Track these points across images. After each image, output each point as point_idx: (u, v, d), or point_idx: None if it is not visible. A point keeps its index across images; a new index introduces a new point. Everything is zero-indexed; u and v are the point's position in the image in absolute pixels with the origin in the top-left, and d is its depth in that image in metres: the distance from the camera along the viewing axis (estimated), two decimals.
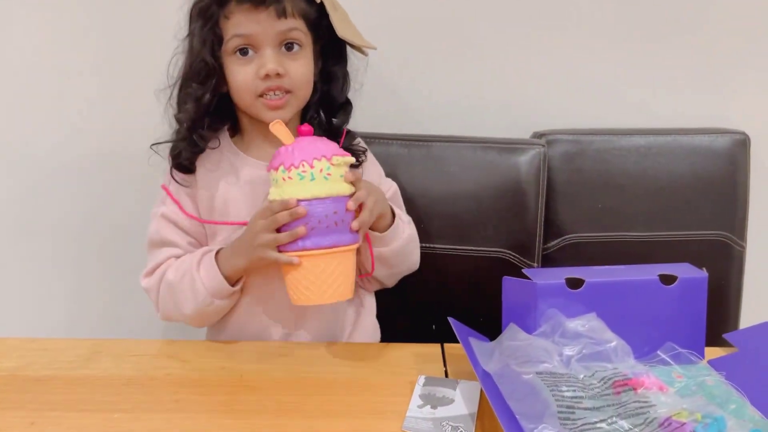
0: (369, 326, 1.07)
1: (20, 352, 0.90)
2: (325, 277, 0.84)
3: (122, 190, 1.30)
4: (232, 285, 0.93)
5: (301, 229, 0.83)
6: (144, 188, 1.28)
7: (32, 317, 1.37)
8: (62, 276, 1.35)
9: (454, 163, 1.15)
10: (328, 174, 0.84)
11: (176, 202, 0.97)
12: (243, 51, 0.90)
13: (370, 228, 0.94)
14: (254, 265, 0.91)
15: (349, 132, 1.01)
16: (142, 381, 0.84)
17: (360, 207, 0.87)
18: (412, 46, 1.22)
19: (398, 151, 1.15)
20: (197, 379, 0.85)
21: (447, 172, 1.15)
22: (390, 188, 1.05)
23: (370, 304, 1.08)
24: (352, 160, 0.88)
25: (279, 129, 0.86)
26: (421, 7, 1.22)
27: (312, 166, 0.83)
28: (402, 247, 0.97)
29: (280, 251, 0.86)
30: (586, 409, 0.70)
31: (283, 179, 0.84)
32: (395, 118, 1.21)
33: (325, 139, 0.89)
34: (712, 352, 0.88)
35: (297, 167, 0.83)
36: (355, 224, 0.85)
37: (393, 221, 0.96)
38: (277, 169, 0.85)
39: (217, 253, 0.93)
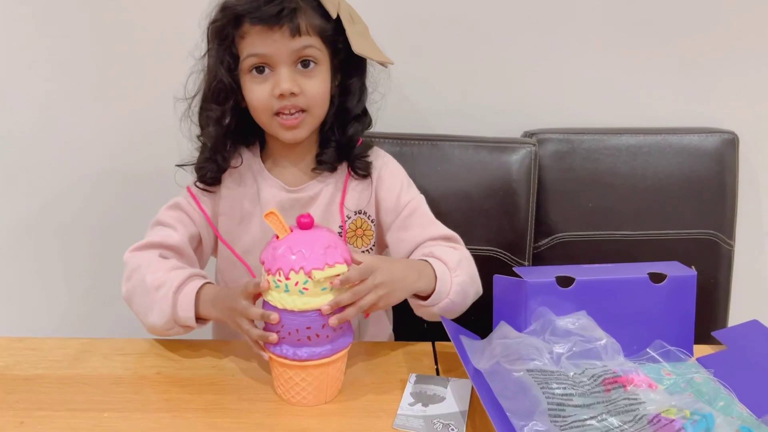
0: (382, 318, 1.07)
1: (9, 351, 0.90)
2: (291, 386, 0.79)
3: (115, 189, 1.30)
4: (197, 321, 0.87)
5: (273, 336, 0.77)
6: (138, 186, 1.28)
7: (25, 318, 1.36)
8: (56, 276, 1.35)
9: (445, 162, 1.15)
10: (305, 288, 0.75)
11: (200, 206, 0.97)
12: (259, 69, 0.90)
13: (415, 295, 0.88)
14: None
15: (364, 142, 0.99)
16: (132, 380, 0.84)
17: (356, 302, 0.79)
18: (402, 47, 1.22)
19: (389, 150, 1.14)
20: (187, 378, 0.85)
21: (438, 171, 1.15)
22: (410, 201, 0.99)
23: None
24: (343, 269, 0.76)
25: (273, 220, 0.77)
26: (413, 8, 1.22)
27: (288, 278, 0.75)
28: (454, 298, 0.89)
29: None
30: (576, 406, 0.70)
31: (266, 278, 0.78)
32: (386, 118, 1.20)
33: (322, 233, 0.78)
34: (701, 350, 0.89)
35: (273, 274, 0.76)
36: (332, 320, 0.76)
37: (435, 281, 0.87)
38: (262, 263, 0.78)
39: (202, 286, 0.87)
